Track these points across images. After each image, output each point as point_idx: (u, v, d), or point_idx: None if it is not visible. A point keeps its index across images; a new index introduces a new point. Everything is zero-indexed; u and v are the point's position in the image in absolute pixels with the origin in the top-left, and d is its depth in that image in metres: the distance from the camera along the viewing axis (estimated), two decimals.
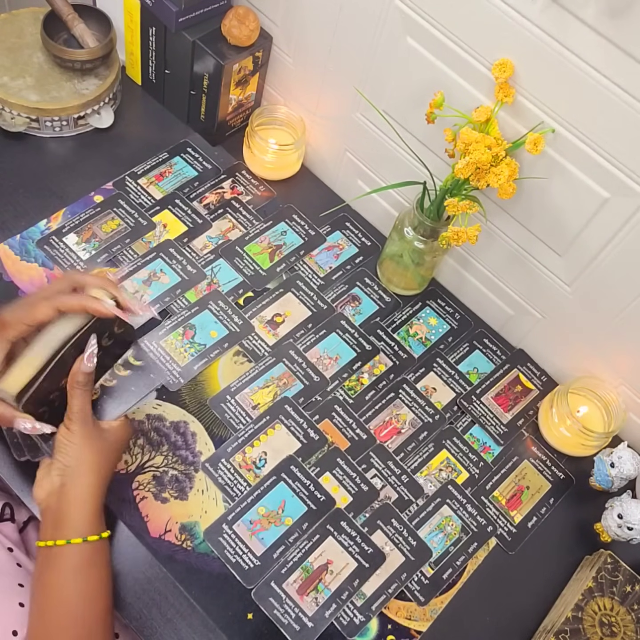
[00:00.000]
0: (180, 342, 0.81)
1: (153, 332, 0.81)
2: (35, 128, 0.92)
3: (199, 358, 0.80)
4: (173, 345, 0.80)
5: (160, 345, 0.80)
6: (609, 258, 0.73)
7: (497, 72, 0.66)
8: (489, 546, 0.77)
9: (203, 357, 0.81)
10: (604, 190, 0.68)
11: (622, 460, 0.78)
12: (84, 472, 0.61)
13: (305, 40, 0.87)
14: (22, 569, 0.67)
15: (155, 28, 0.90)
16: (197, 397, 0.78)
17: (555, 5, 0.61)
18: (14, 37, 0.94)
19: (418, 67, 0.75)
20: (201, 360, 0.80)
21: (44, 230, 0.86)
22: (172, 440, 0.75)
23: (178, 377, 0.79)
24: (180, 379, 0.79)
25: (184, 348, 0.81)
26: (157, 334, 0.81)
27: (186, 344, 0.81)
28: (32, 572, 0.67)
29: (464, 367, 0.88)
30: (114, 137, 0.96)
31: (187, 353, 0.80)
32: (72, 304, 0.59)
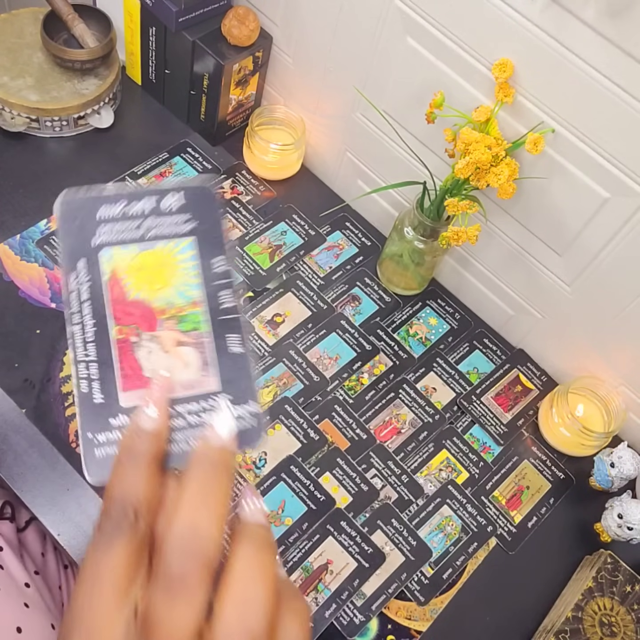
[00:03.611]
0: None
1: None
2: (35, 128, 0.92)
3: None
4: None
5: None
6: (609, 258, 0.73)
7: (497, 72, 0.66)
8: (489, 546, 0.77)
9: None
10: (604, 190, 0.68)
11: (622, 460, 0.78)
12: None
13: (305, 40, 0.87)
14: (24, 568, 0.67)
15: (155, 28, 0.90)
16: None
17: (555, 5, 0.61)
18: (14, 37, 0.94)
19: (418, 67, 0.75)
20: None
21: (44, 230, 0.86)
22: None
23: None
24: None
25: None
26: None
27: None
28: (18, 573, 0.66)
29: (464, 367, 0.88)
30: (114, 137, 0.96)
31: None
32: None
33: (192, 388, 0.38)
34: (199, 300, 0.38)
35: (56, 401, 0.74)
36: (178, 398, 0.37)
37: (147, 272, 0.39)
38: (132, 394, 0.37)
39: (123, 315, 0.38)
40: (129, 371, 0.37)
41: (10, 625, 0.61)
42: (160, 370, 0.38)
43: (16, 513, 0.74)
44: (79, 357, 0.37)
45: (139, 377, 0.37)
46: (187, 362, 0.38)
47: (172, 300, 0.38)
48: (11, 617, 0.61)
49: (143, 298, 0.38)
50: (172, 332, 0.38)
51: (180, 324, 0.38)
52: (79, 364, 0.37)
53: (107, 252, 0.38)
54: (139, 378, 0.37)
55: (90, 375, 0.37)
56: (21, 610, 0.63)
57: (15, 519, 0.73)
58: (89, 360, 0.37)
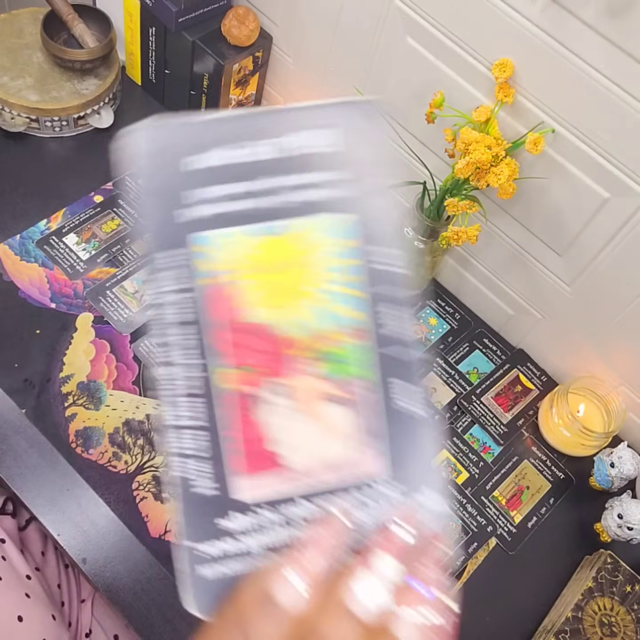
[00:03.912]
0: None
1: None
2: (35, 128, 0.92)
3: None
4: None
5: None
6: (609, 258, 0.73)
7: (497, 72, 0.66)
8: (489, 546, 0.77)
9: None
10: (604, 190, 0.68)
11: (622, 460, 0.78)
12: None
13: (305, 40, 0.87)
14: (25, 561, 0.68)
15: (155, 28, 0.90)
16: None
17: (555, 5, 0.61)
18: (14, 37, 0.94)
19: (418, 67, 0.75)
20: None
21: (44, 230, 0.86)
22: None
23: None
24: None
25: None
26: None
27: None
28: (20, 565, 0.67)
29: (464, 367, 0.88)
30: (114, 137, 0.96)
31: None
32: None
33: (340, 469, 0.23)
34: (359, 326, 0.23)
35: (56, 401, 0.74)
36: (318, 488, 0.24)
37: (271, 274, 0.23)
38: (250, 480, 0.23)
39: (233, 349, 0.23)
40: (245, 443, 0.23)
41: (12, 614, 0.61)
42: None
43: (17, 511, 0.74)
44: (167, 418, 0.23)
45: (259, 452, 0.23)
46: (335, 428, 0.23)
47: (314, 324, 0.23)
48: (12, 606, 0.62)
49: (266, 320, 0.23)
50: (312, 380, 0.23)
51: (325, 366, 0.23)
52: (167, 431, 0.24)
53: (204, 238, 0.23)
54: (259, 454, 0.23)
55: (184, 449, 0.23)
56: (22, 600, 0.63)
57: (16, 515, 0.74)
58: (182, 426, 0.23)
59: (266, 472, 0.23)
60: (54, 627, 0.64)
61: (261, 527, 0.24)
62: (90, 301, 0.81)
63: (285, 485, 0.24)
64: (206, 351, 0.22)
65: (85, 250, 0.85)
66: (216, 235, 0.23)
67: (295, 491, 0.24)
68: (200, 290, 0.23)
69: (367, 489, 0.24)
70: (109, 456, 0.72)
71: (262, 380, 0.23)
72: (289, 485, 0.24)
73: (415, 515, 0.24)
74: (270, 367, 0.22)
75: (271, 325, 0.22)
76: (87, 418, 0.74)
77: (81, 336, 0.79)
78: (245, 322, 0.22)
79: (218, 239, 0.23)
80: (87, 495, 0.70)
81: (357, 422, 0.23)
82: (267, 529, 0.24)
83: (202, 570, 0.24)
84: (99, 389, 0.76)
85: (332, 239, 0.23)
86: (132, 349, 0.79)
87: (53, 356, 0.77)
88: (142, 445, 0.74)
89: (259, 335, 0.22)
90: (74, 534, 0.68)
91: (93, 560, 0.67)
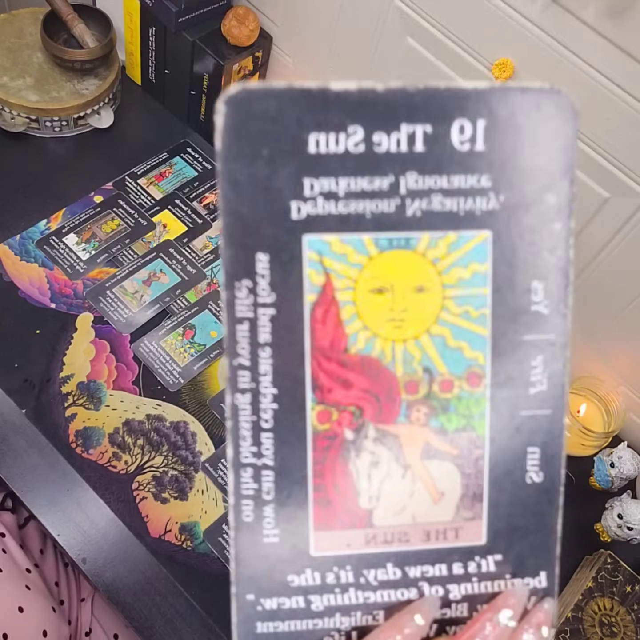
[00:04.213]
0: (180, 342, 0.81)
1: (153, 332, 0.81)
2: (35, 128, 0.92)
3: (199, 358, 0.80)
4: (173, 346, 0.80)
5: (160, 345, 0.80)
6: (609, 258, 0.73)
7: (497, 72, 0.66)
8: None
9: (203, 357, 0.81)
10: (604, 190, 0.68)
11: (622, 460, 0.78)
12: None
13: (305, 40, 0.87)
14: (25, 556, 0.68)
15: (155, 28, 0.90)
16: (197, 397, 0.78)
17: (555, 5, 0.61)
18: (14, 37, 0.94)
19: (418, 67, 0.75)
20: (201, 360, 0.80)
21: (44, 230, 0.86)
22: (172, 441, 0.75)
23: (178, 377, 0.79)
24: (180, 379, 0.79)
25: (183, 348, 0.81)
26: (157, 334, 0.81)
27: (186, 344, 0.81)
28: (20, 558, 0.67)
29: None
30: (114, 137, 0.96)
31: (187, 353, 0.80)
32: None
33: (444, 539, 0.20)
34: (482, 371, 0.20)
35: (56, 401, 0.74)
36: (413, 555, 0.21)
37: (394, 297, 0.19)
38: (332, 537, 0.21)
39: (334, 382, 0.19)
40: (333, 495, 0.20)
41: (12, 605, 0.62)
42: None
43: (17, 508, 0.74)
44: (244, 456, 0.20)
45: (349, 507, 0.20)
46: (442, 490, 0.20)
47: (439, 365, 0.20)
48: (13, 597, 0.62)
49: (378, 352, 0.19)
50: (423, 430, 0.19)
51: (438, 416, 0.20)
52: (242, 469, 0.20)
53: (318, 242, 0.19)
54: (349, 510, 0.20)
55: (262, 492, 0.20)
56: (23, 591, 0.63)
57: (16, 512, 0.74)
58: (262, 465, 0.20)
59: (355, 531, 0.20)
60: (54, 619, 0.65)
61: (336, 588, 0.22)
62: (90, 301, 0.81)
63: (373, 548, 0.21)
64: (306, 384, 0.19)
65: (85, 250, 0.85)
66: (339, 241, 0.19)
67: (385, 557, 0.21)
68: (307, 307, 0.19)
69: (464, 560, 0.20)
70: (109, 456, 0.72)
71: (366, 425, 0.19)
72: (378, 548, 0.21)
73: (516, 597, 0.20)
74: (379, 410, 0.19)
75: (387, 360, 0.19)
76: (87, 418, 0.74)
77: (81, 336, 0.79)
78: (356, 354, 0.19)
79: (339, 247, 0.19)
80: (87, 495, 0.70)
81: (463, 483, 0.20)
82: (343, 591, 0.21)
83: (260, 627, 0.21)
84: (99, 389, 0.76)
85: (469, 261, 0.19)
86: (132, 349, 0.79)
87: (53, 356, 0.77)
88: (142, 446, 0.74)
89: (372, 371, 0.19)
90: (74, 534, 0.68)
91: (93, 560, 0.67)
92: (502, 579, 0.20)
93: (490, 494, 0.20)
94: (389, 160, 0.19)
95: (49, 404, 0.74)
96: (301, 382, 0.19)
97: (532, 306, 0.20)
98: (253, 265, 0.19)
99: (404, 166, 0.19)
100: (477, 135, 0.19)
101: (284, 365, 0.19)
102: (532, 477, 0.20)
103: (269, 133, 0.19)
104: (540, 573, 0.20)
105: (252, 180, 0.19)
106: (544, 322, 0.19)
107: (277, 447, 0.19)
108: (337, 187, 0.19)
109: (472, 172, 0.19)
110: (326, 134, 0.19)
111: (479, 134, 0.19)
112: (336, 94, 0.19)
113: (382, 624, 0.21)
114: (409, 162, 0.19)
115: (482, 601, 0.20)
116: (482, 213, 0.19)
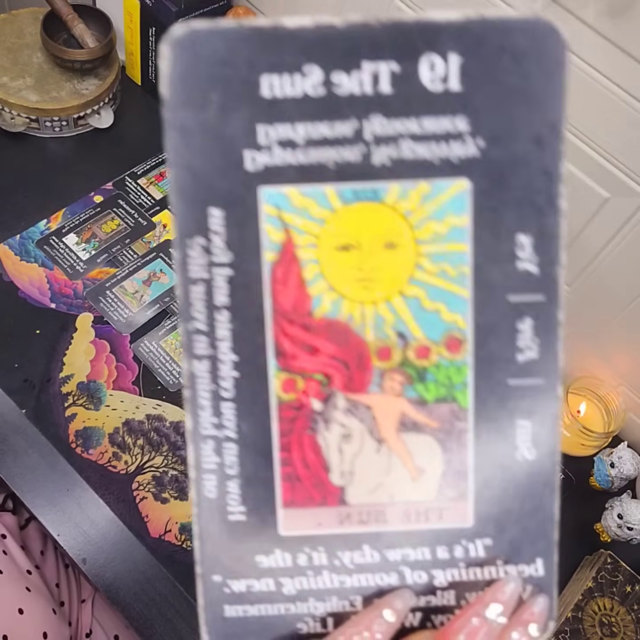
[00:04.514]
0: (180, 343, 0.81)
1: (153, 332, 0.81)
2: (35, 128, 0.92)
3: None
4: (173, 346, 0.80)
5: (160, 345, 0.80)
6: (609, 258, 0.73)
7: None
8: None
9: None
10: (604, 190, 0.68)
11: (622, 460, 0.78)
12: None
13: None
14: (26, 557, 0.68)
15: (155, 28, 0.90)
16: None
17: (555, 5, 0.61)
18: (14, 37, 0.94)
19: None
20: None
21: (44, 230, 0.86)
22: (172, 441, 0.75)
23: (178, 377, 0.79)
24: (180, 379, 0.79)
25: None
26: (157, 334, 0.81)
27: None
28: (21, 560, 0.67)
29: None
30: (114, 137, 0.96)
31: None
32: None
33: (425, 520, 0.19)
34: (462, 335, 0.18)
35: (56, 401, 0.74)
36: (392, 537, 0.19)
37: (362, 254, 0.17)
38: (302, 515, 0.19)
39: (298, 348, 0.18)
40: (301, 470, 0.19)
41: (13, 607, 0.62)
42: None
43: (17, 509, 0.74)
44: (204, 427, 0.19)
45: (319, 483, 0.19)
46: (421, 467, 0.18)
47: (415, 329, 0.18)
48: (13, 599, 0.62)
49: (346, 316, 0.18)
50: (398, 401, 0.18)
51: (415, 385, 0.18)
52: (203, 442, 0.19)
53: (276, 195, 0.17)
54: (320, 485, 0.19)
55: (225, 466, 0.19)
56: (23, 593, 0.63)
57: (16, 513, 0.74)
58: (223, 438, 0.19)
59: (326, 509, 0.19)
60: (54, 620, 0.65)
61: (309, 571, 0.20)
62: (90, 301, 0.81)
63: (348, 528, 0.19)
64: (267, 350, 0.18)
65: (85, 251, 0.85)
66: (298, 194, 0.17)
67: (360, 538, 0.19)
68: (266, 267, 0.17)
69: (449, 544, 0.18)
70: (109, 456, 0.72)
71: (335, 394, 0.18)
72: (353, 528, 0.19)
73: (508, 590, 0.18)
74: (348, 378, 0.18)
75: (357, 324, 0.17)
76: (87, 418, 0.74)
77: (81, 336, 0.79)
78: (322, 317, 0.17)
79: (299, 200, 0.17)
80: (87, 495, 0.70)
81: (444, 459, 0.18)
82: (316, 574, 0.20)
83: (229, 610, 0.20)
84: (99, 389, 0.76)
85: (445, 214, 0.17)
86: (132, 349, 0.79)
87: (53, 356, 0.77)
88: (142, 446, 0.74)
89: (340, 336, 0.17)
90: (74, 534, 0.68)
91: (93, 561, 0.67)
92: (493, 566, 0.18)
93: (476, 471, 0.18)
94: (351, 103, 0.17)
95: (49, 404, 0.74)
96: (262, 348, 0.18)
97: (519, 263, 0.17)
98: (206, 221, 0.17)
99: (368, 109, 0.17)
100: (451, 73, 0.17)
101: (244, 329, 0.18)
102: (523, 454, 0.18)
103: (218, 77, 0.18)
104: (536, 560, 0.19)
105: (202, 129, 0.18)
106: (532, 281, 0.17)
107: (239, 418, 0.18)
108: (295, 134, 0.17)
109: (445, 113, 0.17)
110: (280, 75, 0.17)
111: (453, 71, 0.17)
112: (290, 31, 0.17)
113: (359, 611, 0.20)
114: (374, 104, 0.17)
115: (471, 589, 0.18)
116: (459, 160, 0.17)
